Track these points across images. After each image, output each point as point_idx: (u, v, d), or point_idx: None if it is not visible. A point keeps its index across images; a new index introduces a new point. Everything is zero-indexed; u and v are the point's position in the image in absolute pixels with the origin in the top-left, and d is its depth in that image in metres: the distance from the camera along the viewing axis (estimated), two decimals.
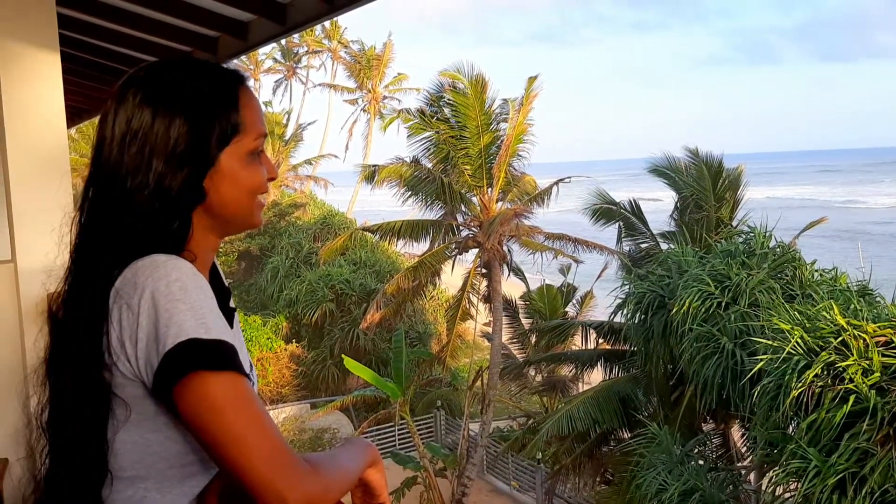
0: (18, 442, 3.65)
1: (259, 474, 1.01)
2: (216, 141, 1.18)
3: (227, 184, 1.20)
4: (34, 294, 3.55)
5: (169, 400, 1.06)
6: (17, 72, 3.55)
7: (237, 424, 1.03)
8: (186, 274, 1.10)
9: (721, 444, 12.38)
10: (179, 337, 1.04)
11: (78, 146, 30.27)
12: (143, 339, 1.06)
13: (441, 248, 17.50)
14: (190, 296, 1.07)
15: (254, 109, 1.23)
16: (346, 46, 44.53)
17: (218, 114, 1.18)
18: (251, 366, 1.36)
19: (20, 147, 3.59)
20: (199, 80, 1.20)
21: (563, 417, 13.24)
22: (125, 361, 1.09)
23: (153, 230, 1.14)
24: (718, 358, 9.93)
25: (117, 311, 1.08)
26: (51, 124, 3.63)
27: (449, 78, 17.09)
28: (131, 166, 1.15)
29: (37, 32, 3.57)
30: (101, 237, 1.16)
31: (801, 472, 7.64)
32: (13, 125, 3.57)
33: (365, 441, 1.32)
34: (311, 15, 4.20)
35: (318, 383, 23.71)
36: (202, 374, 1.03)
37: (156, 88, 1.18)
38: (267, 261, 29.72)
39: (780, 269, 10.65)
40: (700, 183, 14.45)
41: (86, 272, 1.16)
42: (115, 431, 1.13)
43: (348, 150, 46.98)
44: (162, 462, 1.14)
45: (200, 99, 1.18)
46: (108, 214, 1.16)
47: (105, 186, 1.18)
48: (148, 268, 1.09)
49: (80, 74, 6.92)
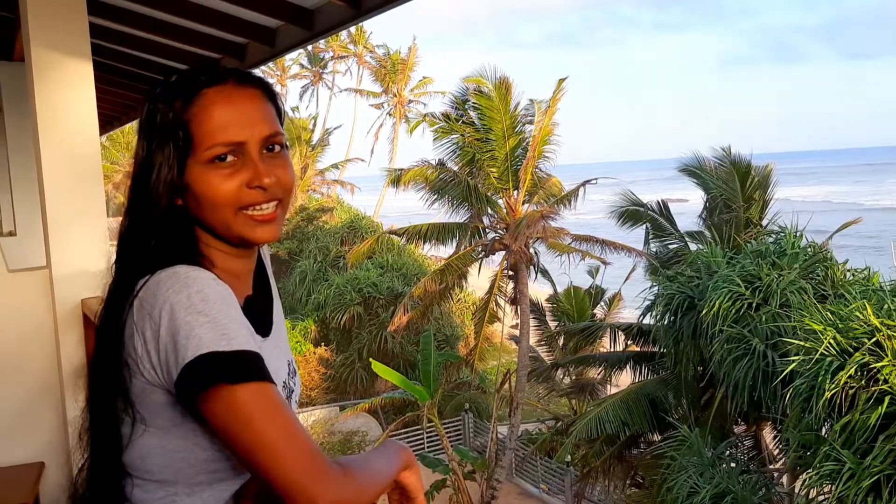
0: (54, 446, 3.71)
1: (291, 479, 1.02)
2: (173, 158, 1.17)
3: (194, 198, 1.19)
4: (70, 300, 3.59)
5: (194, 410, 1.07)
6: (51, 81, 3.60)
7: (266, 432, 1.03)
8: (208, 284, 1.10)
9: (753, 446, 12.25)
10: (199, 350, 1.04)
11: (108, 153, 30.71)
12: (163, 351, 1.07)
13: (468, 251, 17.51)
14: (211, 307, 1.08)
15: (212, 117, 1.17)
16: (372, 51, 44.74)
17: (167, 130, 1.17)
18: (294, 371, 1.36)
19: (54, 155, 3.63)
20: (160, 96, 1.20)
21: (593, 420, 13.19)
22: (150, 370, 1.10)
23: (164, 241, 1.17)
24: (749, 359, 9.84)
25: (141, 321, 1.10)
26: (84, 133, 3.68)
27: (473, 82, 17.11)
28: (131, 183, 1.22)
29: (70, 42, 3.61)
30: (128, 249, 1.20)
31: (835, 474, 7.55)
32: (48, 134, 3.62)
33: (400, 443, 1.32)
34: (337, 20, 4.21)
35: (346, 386, 23.80)
36: (225, 386, 1.04)
37: (145, 108, 1.22)
38: (295, 265, 29.90)
39: (812, 269, 10.53)
40: (729, 183, 14.32)
41: (116, 283, 1.19)
42: (141, 436, 1.14)
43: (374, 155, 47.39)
44: (190, 468, 1.15)
45: (156, 113, 1.19)
46: (132, 226, 1.21)
47: (129, 199, 1.23)
48: (169, 279, 1.10)
49: (110, 82, 7.02)
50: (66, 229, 3.61)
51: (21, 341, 3.78)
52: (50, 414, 3.75)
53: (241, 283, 1.27)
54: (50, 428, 3.74)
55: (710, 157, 15.18)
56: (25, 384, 3.79)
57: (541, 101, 17.32)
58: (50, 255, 3.67)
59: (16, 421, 3.75)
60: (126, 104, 8.96)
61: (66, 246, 3.60)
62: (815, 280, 10.42)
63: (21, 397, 3.78)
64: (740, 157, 14.85)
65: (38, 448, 3.71)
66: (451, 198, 17.19)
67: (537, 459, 18.30)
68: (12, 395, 3.76)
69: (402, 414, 18.75)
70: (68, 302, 3.59)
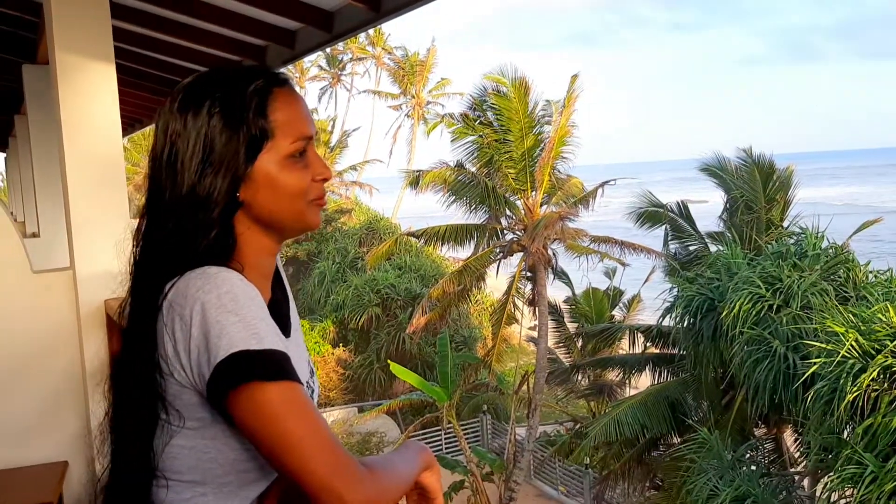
0: (78, 445, 3.75)
1: (318, 478, 1.03)
2: (246, 147, 1.17)
3: (265, 190, 1.19)
4: (93, 301, 3.63)
5: (224, 409, 1.08)
6: (75, 84, 3.64)
7: (294, 431, 1.04)
8: (237, 285, 1.11)
9: (773, 449, 12.16)
10: (231, 349, 1.05)
11: (130, 155, 30.93)
12: (195, 351, 1.08)
13: (485, 252, 17.48)
14: (241, 307, 1.09)
15: (291, 111, 1.21)
16: (390, 53, 44.81)
17: (245, 119, 1.17)
18: (312, 372, 1.37)
19: (78, 157, 3.67)
20: (228, 87, 1.19)
21: (611, 422, 13.14)
22: (180, 371, 1.10)
23: (195, 240, 1.15)
24: (770, 361, 9.77)
25: (171, 322, 1.10)
26: (107, 135, 3.71)
27: (492, 81, 17.09)
28: (169, 177, 1.17)
29: (94, 46, 3.65)
30: (153, 248, 1.19)
31: (856, 477, 7.48)
32: (71, 136, 3.65)
33: (420, 444, 1.33)
34: (357, 22, 4.22)
35: (364, 387, 23.87)
36: (255, 384, 1.05)
37: (188, 98, 1.19)
38: (314, 266, 30.00)
39: (833, 270, 10.44)
40: (751, 184, 14.23)
41: (142, 283, 1.18)
42: (172, 437, 1.15)
43: (392, 156, 47.37)
44: (219, 468, 1.16)
45: (227, 106, 1.17)
46: (157, 226, 1.19)
47: (153, 197, 1.20)
48: (199, 279, 1.11)
49: (131, 85, 7.07)
50: (89, 230, 3.64)
51: (45, 341, 3.82)
52: (73, 413, 3.79)
53: (267, 284, 1.28)
54: (73, 427, 3.78)
55: (732, 157, 15.10)
56: (49, 383, 3.83)
57: (557, 101, 17.28)
58: (73, 256, 3.70)
59: (40, 420, 3.80)
60: (147, 106, 9.03)
61: (90, 247, 3.63)
62: (836, 282, 10.33)
63: (45, 396, 3.82)
64: (763, 157, 14.75)
65: (62, 447, 3.75)
66: (469, 199, 17.18)
67: (556, 461, 18.26)
68: (36, 395, 3.80)
69: (420, 415, 18.78)
70: (92, 302, 3.63)
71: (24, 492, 3.49)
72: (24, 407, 3.76)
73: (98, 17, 3.66)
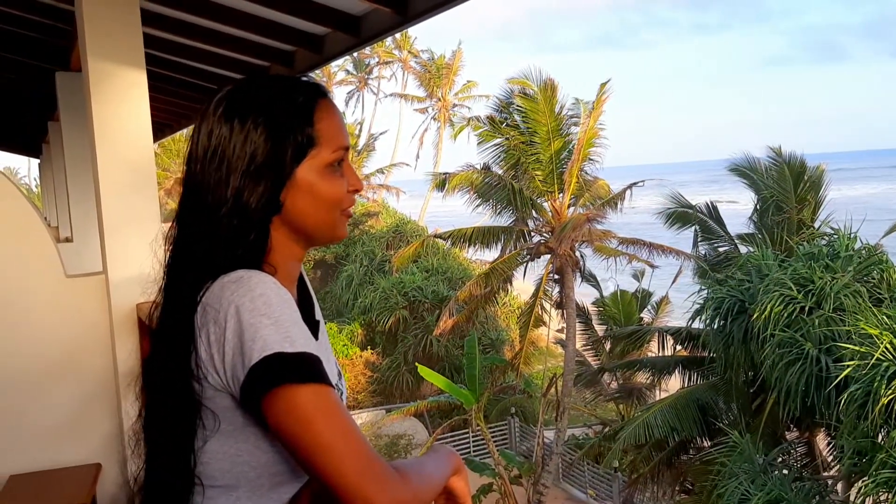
0: (111, 448, 3.80)
1: (349, 481, 1.03)
2: (291, 154, 1.19)
3: (304, 197, 1.21)
4: (125, 304, 3.67)
5: (257, 412, 1.09)
6: (107, 91, 3.69)
7: (325, 434, 1.05)
8: (270, 288, 1.12)
9: (806, 452, 12.00)
10: (265, 351, 1.06)
11: (160, 160, 31.29)
12: (229, 353, 1.09)
13: (513, 255, 17.45)
14: (274, 310, 1.09)
15: (333, 122, 1.23)
16: (417, 56, 44.93)
17: (293, 127, 1.19)
18: (339, 374, 1.37)
19: (110, 163, 3.72)
20: (275, 94, 1.21)
21: (641, 425, 13.05)
22: (214, 374, 1.11)
23: (233, 244, 1.17)
24: (802, 364, 9.64)
25: (205, 326, 1.11)
26: (138, 140, 3.76)
27: (518, 84, 17.07)
28: (211, 181, 1.18)
29: (125, 53, 3.70)
30: (189, 252, 1.20)
31: (892, 482, 7.36)
32: (103, 142, 3.70)
33: (449, 449, 1.33)
34: (384, 27, 4.23)
35: (392, 389, 23.91)
36: (288, 386, 1.05)
37: (235, 104, 1.20)
38: (342, 269, 30.15)
39: (867, 271, 10.29)
40: (781, 184, 14.07)
41: (176, 286, 1.19)
42: (206, 441, 1.15)
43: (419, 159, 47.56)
44: (252, 471, 1.16)
45: (275, 113, 1.19)
46: (193, 229, 1.20)
47: (190, 201, 1.21)
48: (233, 283, 1.12)
49: (161, 90, 7.16)
50: (121, 235, 3.69)
51: (78, 344, 3.87)
52: (106, 416, 3.84)
53: (293, 289, 1.29)
54: (106, 429, 3.83)
55: (763, 157, 14.95)
56: (83, 386, 3.89)
57: (586, 101, 17.22)
58: (106, 260, 3.75)
59: (73, 422, 3.85)
60: (177, 112, 9.14)
61: (122, 251, 3.68)
62: (870, 283, 10.18)
63: (79, 399, 3.87)
64: (794, 156, 14.58)
65: (95, 449, 3.80)
66: (496, 201, 17.17)
67: (584, 465, 18.17)
68: (70, 397, 3.86)
69: (448, 418, 18.78)
70: (124, 306, 3.67)
71: (58, 493, 3.53)
72: (58, 409, 3.82)
73: (129, 24, 3.71)
